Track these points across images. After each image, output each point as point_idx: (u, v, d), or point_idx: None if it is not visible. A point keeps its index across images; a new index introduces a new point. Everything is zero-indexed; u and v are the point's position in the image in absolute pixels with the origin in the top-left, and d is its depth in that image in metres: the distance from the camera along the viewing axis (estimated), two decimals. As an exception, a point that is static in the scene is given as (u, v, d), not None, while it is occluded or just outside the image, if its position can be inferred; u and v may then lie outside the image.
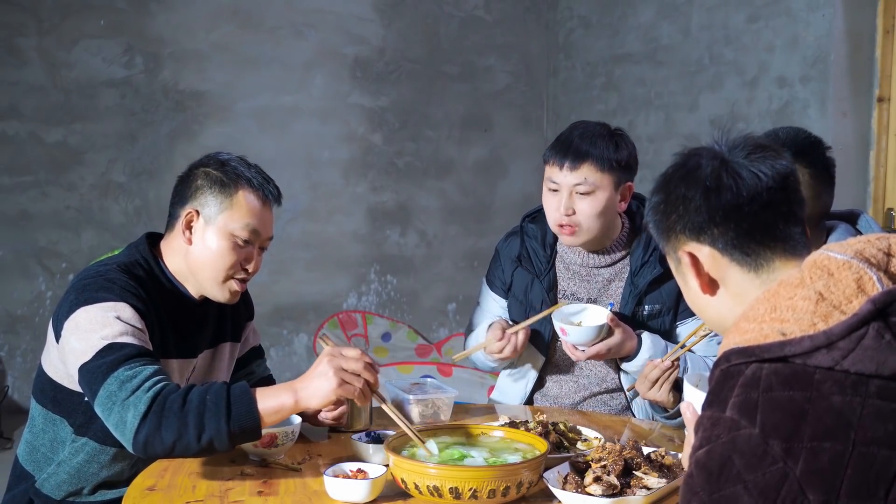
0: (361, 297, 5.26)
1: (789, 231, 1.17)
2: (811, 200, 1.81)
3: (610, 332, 2.07)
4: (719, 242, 1.17)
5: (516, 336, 2.13)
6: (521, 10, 5.48)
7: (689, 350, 2.01)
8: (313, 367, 1.60)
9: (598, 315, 2.11)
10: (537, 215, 2.32)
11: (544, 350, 2.25)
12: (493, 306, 2.36)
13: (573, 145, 2.12)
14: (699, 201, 1.18)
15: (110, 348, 1.60)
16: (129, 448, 1.56)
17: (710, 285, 1.20)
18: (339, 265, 5.20)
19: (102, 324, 1.64)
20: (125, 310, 1.67)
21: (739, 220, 1.16)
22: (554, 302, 2.24)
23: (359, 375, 1.58)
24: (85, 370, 1.62)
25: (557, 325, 2.07)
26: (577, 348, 2.09)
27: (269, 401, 1.57)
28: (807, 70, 3.62)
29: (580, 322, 2.12)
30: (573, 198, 2.11)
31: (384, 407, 1.66)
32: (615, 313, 2.13)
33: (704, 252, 1.19)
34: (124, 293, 1.70)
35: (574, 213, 2.12)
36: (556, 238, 2.28)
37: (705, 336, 1.96)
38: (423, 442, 1.59)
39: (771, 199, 1.16)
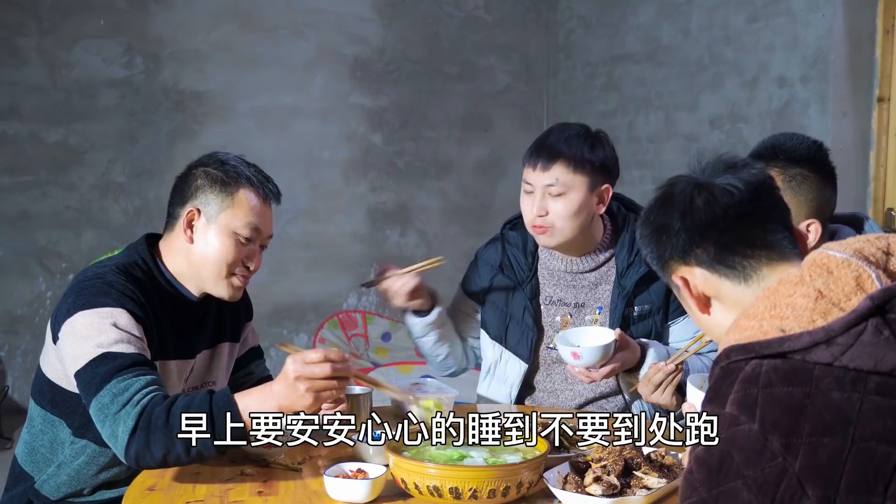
0: (361, 297, 5.26)
1: (771, 238, 1.19)
2: (821, 204, 1.83)
3: (618, 348, 2.00)
4: (704, 261, 1.21)
5: (399, 279, 2.13)
6: (521, 10, 5.48)
7: (693, 354, 2.00)
8: (283, 381, 1.55)
9: (601, 335, 2.03)
10: (518, 222, 2.29)
11: (527, 357, 2.21)
12: (467, 310, 2.34)
13: (546, 145, 2.10)
14: (678, 226, 1.22)
15: (105, 358, 1.60)
16: (123, 461, 1.56)
17: (707, 304, 1.23)
18: (339, 265, 5.20)
19: (99, 330, 1.63)
20: (122, 316, 1.67)
21: (718, 236, 1.19)
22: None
23: (330, 379, 1.55)
24: (79, 378, 1.62)
25: (566, 351, 1.97)
26: (589, 370, 2.00)
27: (253, 409, 1.53)
28: (807, 70, 3.62)
29: (578, 346, 2.01)
30: (546, 199, 2.09)
31: (369, 384, 1.64)
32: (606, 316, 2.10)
33: (696, 273, 1.22)
34: (122, 298, 1.69)
35: (547, 213, 2.10)
36: (537, 245, 2.25)
37: (710, 341, 1.95)
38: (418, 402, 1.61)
39: (745, 210, 1.20)
